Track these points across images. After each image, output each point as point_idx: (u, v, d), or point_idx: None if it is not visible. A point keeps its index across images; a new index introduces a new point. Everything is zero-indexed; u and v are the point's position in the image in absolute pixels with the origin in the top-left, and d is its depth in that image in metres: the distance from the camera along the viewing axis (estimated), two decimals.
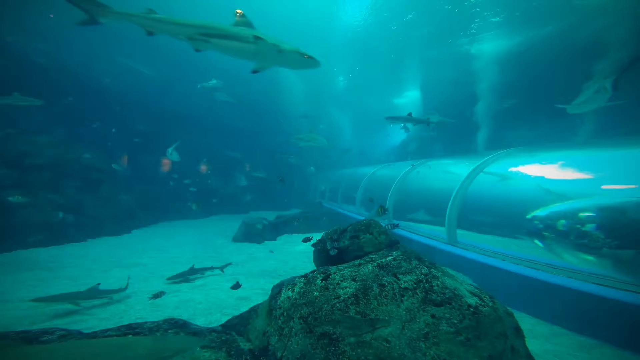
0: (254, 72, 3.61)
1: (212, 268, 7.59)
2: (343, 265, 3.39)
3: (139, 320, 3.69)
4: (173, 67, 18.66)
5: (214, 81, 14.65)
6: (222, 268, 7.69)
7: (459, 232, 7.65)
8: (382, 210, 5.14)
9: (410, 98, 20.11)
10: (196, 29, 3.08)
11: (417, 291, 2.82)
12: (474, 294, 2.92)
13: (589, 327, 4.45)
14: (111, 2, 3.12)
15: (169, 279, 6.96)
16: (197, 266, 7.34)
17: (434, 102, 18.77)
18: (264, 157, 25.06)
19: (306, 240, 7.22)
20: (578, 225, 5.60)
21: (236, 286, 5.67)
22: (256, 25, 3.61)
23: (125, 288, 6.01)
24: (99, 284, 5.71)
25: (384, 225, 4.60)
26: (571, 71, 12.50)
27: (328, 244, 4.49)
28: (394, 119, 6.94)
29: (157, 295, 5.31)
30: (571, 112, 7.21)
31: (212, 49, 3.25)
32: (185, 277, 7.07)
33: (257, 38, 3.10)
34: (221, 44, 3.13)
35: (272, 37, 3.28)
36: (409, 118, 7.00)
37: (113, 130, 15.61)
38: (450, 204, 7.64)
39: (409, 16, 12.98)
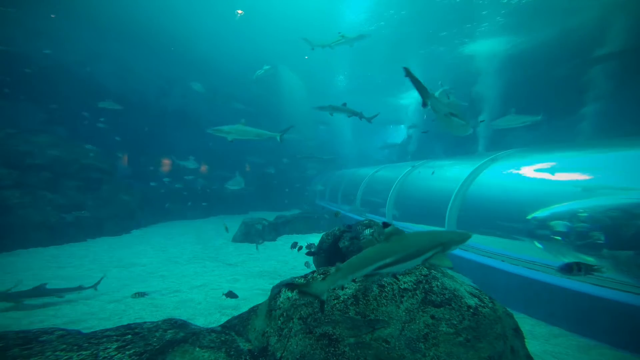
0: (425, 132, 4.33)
1: (80, 288, 5.81)
2: None
3: (138, 321, 3.69)
4: (172, 67, 18.70)
5: (267, 67, 14.45)
6: (95, 286, 6.04)
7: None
8: (349, 227, 5.39)
9: (414, 99, 20.19)
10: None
11: (417, 292, 2.82)
12: (473, 295, 2.93)
13: (588, 328, 4.46)
14: None
15: None
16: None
17: None
18: (264, 157, 25.05)
19: (294, 246, 7.14)
20: (578, 226, 5.60)
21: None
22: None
23: None
24: None
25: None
26: (570, 71, 12.53)
27: (341, 242, 4.61)
28: (323, 108, 7.02)
29: None
30: (494, 127, 9.01)
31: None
32: (17, 299, 5.17)
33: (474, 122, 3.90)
34: (443, 120, 3.89)
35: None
36: (338, 108, 7.03)
37: (103, 126, 15.45)
38: (450, 204, 7.65)
39: (404, 12, 12.96)
